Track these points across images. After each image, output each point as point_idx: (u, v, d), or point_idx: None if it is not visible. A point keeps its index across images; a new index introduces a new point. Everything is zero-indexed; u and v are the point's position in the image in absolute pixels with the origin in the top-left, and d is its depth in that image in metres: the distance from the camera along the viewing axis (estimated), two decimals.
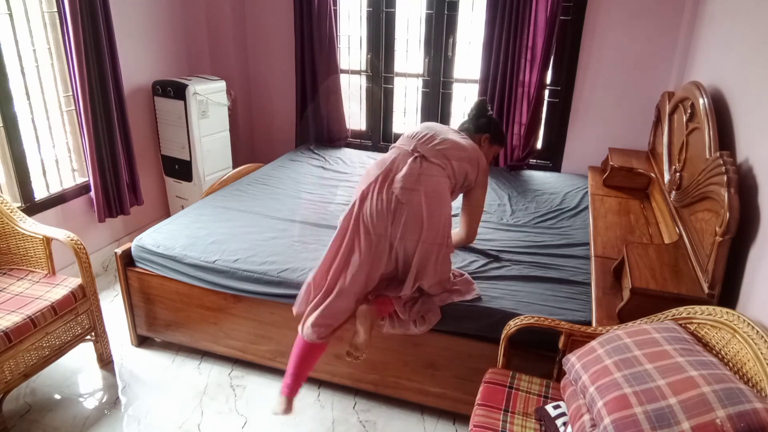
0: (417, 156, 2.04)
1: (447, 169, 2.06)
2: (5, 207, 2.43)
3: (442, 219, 2.03)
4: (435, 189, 2.01)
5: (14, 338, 2.07)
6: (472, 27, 3.60)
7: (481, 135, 2.29)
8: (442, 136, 2.12)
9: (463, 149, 2.12)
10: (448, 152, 2.08)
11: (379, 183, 2.01)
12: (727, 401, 1.19)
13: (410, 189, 1.98)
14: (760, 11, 1.96)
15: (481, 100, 2.38)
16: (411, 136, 2.14)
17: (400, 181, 1.99)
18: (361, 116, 4.11)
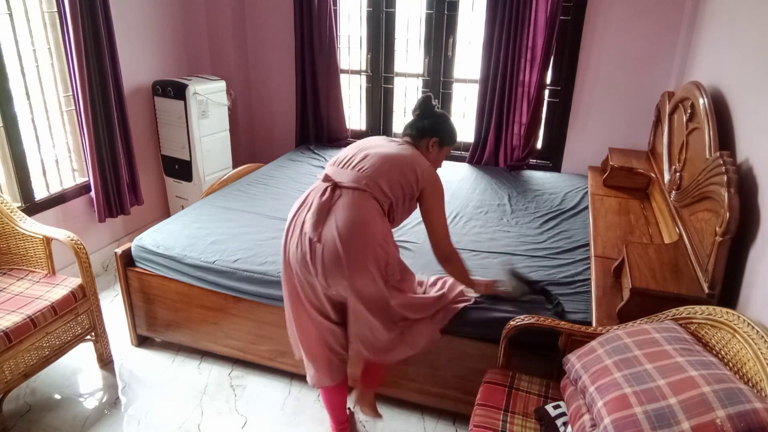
0: (328, 186, 1.83)
1: (371, 190, 1.80)
2: (5, 207, 2.43)
3: (369, 250, 1.76)
4: (352, 219, 1.75)
5: (14, 338, 2.07)
6: (472, 27, 3.60)
7: (429, 139, 1.98)
8: (366, 152, 1.88)
9: (391, 160, 1.86)
10: (372, 170, 1.82)
11: (293, 225, 1.84)
12: (727, 401, 1.19)
13: (321, 225, 1.77)
14: (760, 11, 1.96)
15: (424, 97, 2.03)
16: (331, 163, 1.94)
17: (310, 218, 1.78)
18: (361, 116, 4.11)
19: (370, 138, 2.02)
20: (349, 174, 1.84)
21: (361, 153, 1.89)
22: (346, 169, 1.86)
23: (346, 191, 1.81)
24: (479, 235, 2.69)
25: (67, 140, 3.15)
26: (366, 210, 1.79)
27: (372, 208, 1.81)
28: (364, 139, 2.02)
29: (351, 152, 1.92)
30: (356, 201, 1.79)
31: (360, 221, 1.76)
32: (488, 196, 3.19)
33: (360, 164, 1.85)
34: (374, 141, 1.98)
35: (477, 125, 3.65)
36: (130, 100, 3.35)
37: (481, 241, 2.62)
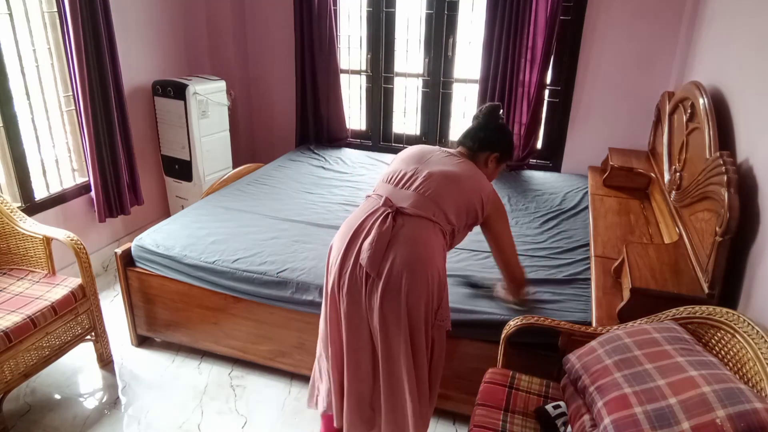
0: (389, 212, 1.62)
1: (436, 217, 1.64)
2: (5, 207, 2.43)
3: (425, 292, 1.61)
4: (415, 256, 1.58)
5: (14, 338, 2.07)
6: (472, 27, 3.60)
7: (489, 154, 1.83)
8: (428, 170, 1.69)
9: (456, 181, 1.69)
10: (435, 193, 1.65)
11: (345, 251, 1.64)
12: (727, 401, 1.19)
13: (379, 258, 1.57)
14: (760, 11, 1.96)
15: (491, 106, 1.85)
16: (387, 180, 1.73)
17: (368, 249, 1.58)
18: (361, 116, 4.11)
19: (422, 148, 1.81)
20: (412, 197, 1.64)
21: (423, 171, 1.69)
22: (406, 190, 1.66)
23: (409, 219, 1.61)
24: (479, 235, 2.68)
25: (67, 140, 3.15)
26: (431, 244, 1.62)
27: (437, 243, 1.64)
28: (414, 150, 1.80)
29: (407, 168, 1.71)
30: (421, 233, 1.61)
31: (423, 259, 1.59)
32: None
33: (423, 186, 1.66)
34: (429, 154, 1.77)
35: None
36: (130, 100, 3.35)
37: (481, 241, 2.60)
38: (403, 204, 1.64)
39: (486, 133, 1.82)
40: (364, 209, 1.70)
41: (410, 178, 1.69)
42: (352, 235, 1.65)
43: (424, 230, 1.62)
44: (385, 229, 1.59)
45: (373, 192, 1.74)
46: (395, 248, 1.58)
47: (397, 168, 1.74)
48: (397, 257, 1.57)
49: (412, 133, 4.02)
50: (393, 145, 4.07)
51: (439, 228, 1.65)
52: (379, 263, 1.58)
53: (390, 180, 1.72)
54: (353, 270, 1.62)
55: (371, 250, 1.58)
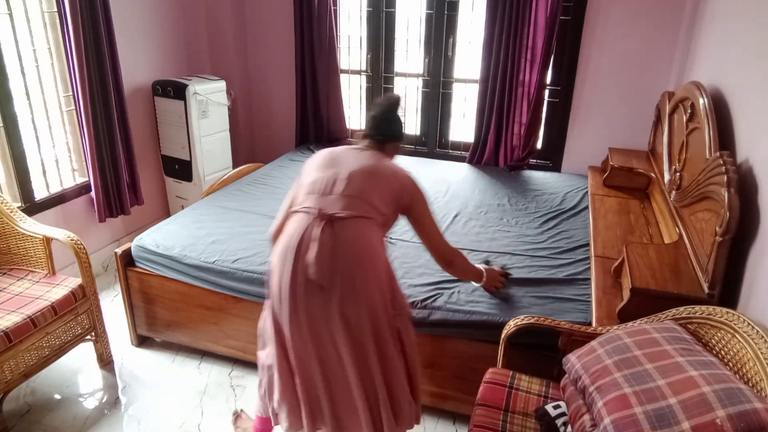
0: (324, 222, 1.62)
1: (368, 213, 1.66)
2: (5, 207, 2.43)
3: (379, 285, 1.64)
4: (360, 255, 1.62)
5: (14, 338, 2.07)
6: (472, 27, 3.60)
7: (395, 143, 1.89)
8: (347, 171, 1.69)
9: (376, 174, 1.72)
10: (360, 191, 1.67)
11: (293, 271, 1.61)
12: (727, 401, 1.19)
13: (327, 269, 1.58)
14: (760, 11, 1.96)
15: (396, 97, 1.89)
16: (309, 192, 1.70)
17: (314, 262, 1.58)
18: (361, 116, 4.11)
19: (330, 151, 1.82)
20: (340, 201, 1.65)
21: (343, 172, 1.70)
22: (332, 195, 1.67)
23: (344, 222, 1.62)
24: (479, 235, 2.69)
25: (67, 140, 3.15)
26: (371, 240, 1.65)
27: (376, 237, 1.67)
28: (324, 155, 1.80)
29: (325, 174, 1.72)
30: (358, 231, 1.63)
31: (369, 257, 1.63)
32: (488, 196, 3.19)
33: (348, 187, 1.67)
34: (341, 155, 1.79)
35: (477, 125, 3.65)
36: (130, 100, 3.35)
37: (481, 241, 2.62)
38: (334, 210, 1.64)
39: (393, 125, 1.87)
40: (297, 226, 1.67)
41: (332, 183, 1.69)
42: (295, 254, 1.62)
43: (361, 229, 1.64)
44: (326, 239, 1.60)
45: (299, 207, 1.71)
46: (340, 254, 1.60)
47: (316, 177, 1.73)
48: (344, 262, 1.59)
49: (412, 133, 4.02)
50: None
51: (374, 222, 1.67)
52: (329, 273, 1.58)
53: (312, 191, 1.70)
54: (306, 286, 1.61)
55: (317, 262, 1.58)
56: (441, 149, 3.95)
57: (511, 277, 2.22)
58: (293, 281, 1.62)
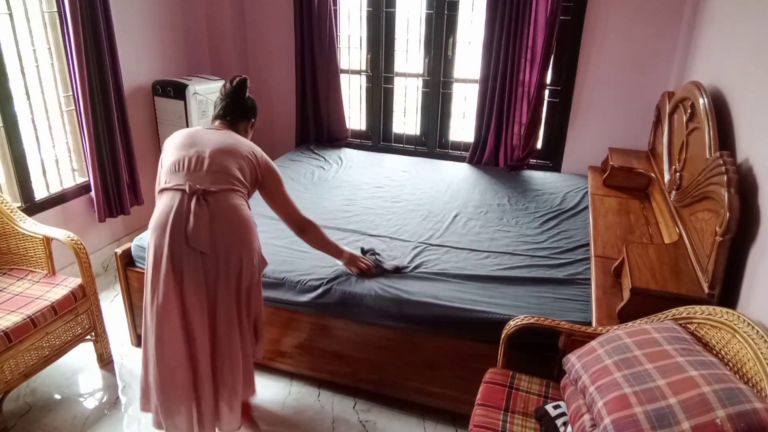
0: (197, 195, 1.75)
1: (235, 185, 1.83)
2: (5, 207, 2.43)
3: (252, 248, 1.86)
4: (234, 221, 1.80)
5: (14, 338, 2.07)
6: (472, 27, 3.60)
7: (247, 121, 2.06)
8: (209, 149, 1.84)
9: (234, 150, 1.88)
10: (224, 166, 1.83)
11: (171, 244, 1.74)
12: (727, 401, 1.19)
13: (206, 238, 1.75)
14: (760, 11, 1.96)
15: (242, 80, 2.01)
16: (176, 170, 1.82)
17: (193, 234, 1.73)
18: (361, 116, 4.11)
19: (187, 132, 1.94)
20: (208, 176, 1.80)
21: (206, 150, 1.84)
22: (200, 172, 1.80)
23: (215, 195, 1.78)
24: (479, 235, 2.69)
25: (67, 140, 3.15)
26: (240, 208, 1.83)
27: (243, 204, 1.87)
28: (182, 135, 1.91)
29: (189, 153, 1.84)
30: (229, 202, 1.81)
31: (240, 221, 1.82)
32: (488, 196, 3.19)
33: (213, 163, 1.82)
34: (199, 135, 1.91)
35: (477, 125, 3.65)
36: (130, 100, 3.34)
37: (481, 241, 2.62)
38: (205, 185, 1.79)
39: (242, 105, 2.03)
40: (169, 202, 1.79)
41: (198, 161, 1.82)
42: (171, 227, 1.75)
43: (231, 200, 1.82)
44: (202, 211, 1.75)
45: (168, 185, 1.82)
46: (217, 223, 1.77)
47: (179, 156, 1.85)
48: (221, 230, 1.77)
49: (412, 133, 4.02)
50: (393, 145, 4.07)
51: (240, 193, 1.86)
52: (209, 241, 1.75)
53: (179, 169, 1.82)
54: (187, 255, 1.75)
55: (195, 232, 1.73)
56: (441, 149, 3.95)
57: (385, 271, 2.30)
58: (172, 252, 1.75)
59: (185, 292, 1.77)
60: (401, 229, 2.72)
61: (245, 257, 1.83)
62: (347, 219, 2.82)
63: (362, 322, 2.21)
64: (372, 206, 3.00)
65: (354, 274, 2.27)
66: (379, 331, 2.20)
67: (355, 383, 2.36)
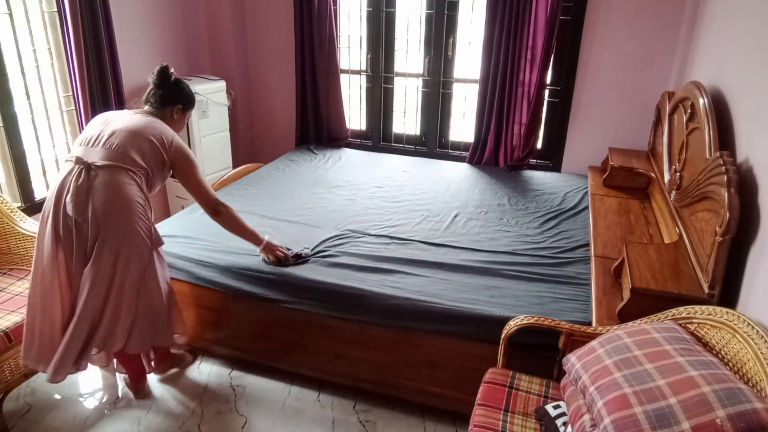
0: (82, 168, 1.93)
1: (126, 163, 1.97)
2: (5, 207, 2.43)
3: (134, 221, 1.98)
4: (111, 197, 1.93)
5: (14, 338, 2.07)
6: (472, 27, 3.60)
7: (172, 107, 2.17)
8: (113, 127, 2.01)
9: (138, 132, 2.02)
10: (120, 145, 1.97)
11: (55, 210, 1.95)
12: (727, 401, 1.19)
13: (84, 207, 1.91)
14: (760, 11, 1.96)
15: (161, 67, 2.15)
16: (79, 144, 2.04)
17: (70, 202, 1.91)
18: (361, 116, 4.11)
19: (109, 113, 2.15)
20: (100, 152, 1.98)
21: (108, 129, 2.02)
22: (96, 147, 1.99)
23: (101, 170, 1.95)
24: (479, 235, 2.69)
25: (67, 140, 3.15)
26: (123, 185, 1.97)
27: (128, 182, 1.98)
28: (102, 116, 2.13)
29: (97, 130, 2.03)
30: (112, 178, 1.95)
31: (119, 197, 1.96)
32: (488, 196, 3.20)
33: (109, 140, 1.99)
34: (118, 115, 2.11)
35: (477, 125, 3.65)
36: (130, 100, 3.34)
37: (481, 241, 2.62)
38: (93, 159, 1.96)
39: (164, 90, 2.15)
40: (63, 172, 1.99)
41: (98, 138, 2.01)
42: (56, 195, 1.96)
43: (116, 176, 1.96)
44: (81, 182, 1.92)
45: (67, 157, 2.03)
46: (94, 194, 1.93)
47: (87, 133, 2.05)
48: (96, 201, 1.93)
49: (412, 133, 4.03)
50: (393, 145, 4.07)
51: (131, 172, 1.99)
52: (83, 210, 1.92)
53: (81, 143, 2.03)
54: (65, 223, 1.95)
55: (73, 202, 1.91)
56: (441, 149, 3.95)
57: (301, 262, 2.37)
58: (54, 216, 1.96)
59: (60, 252, 1.97)
60: (401, 228, 2.72)
61: (120, 231, 1.96)
62: (347, 219, 2.82)
63: (362, 322, 2.21)
64: (372, 206, 3.00)
65: (269, 262, 2.34)
66: (379, 331, 2.20)
67: (355, 383, 2.36)
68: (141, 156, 2.00)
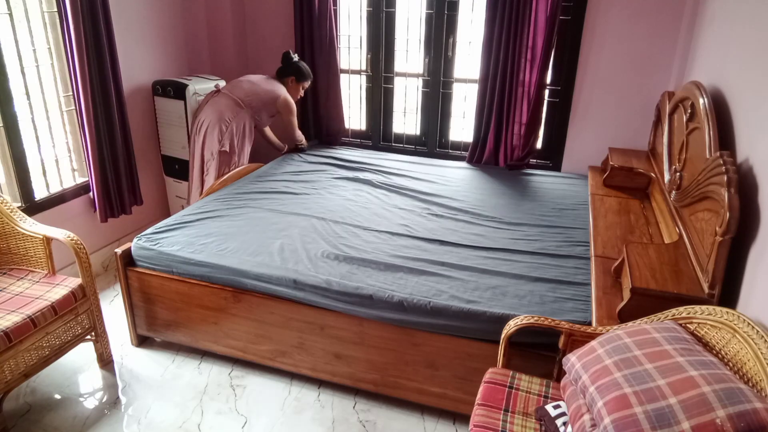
0: (215, 92, 3.39)
1: (238, 99, 3.33)
2: (5, 207, 2.43)
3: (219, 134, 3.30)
4: (220, 109, 3.28)
5: (14, 338, 2.07)
6: (472, 27, 3.60)
7: (287, 78, 3.52)
8: (246, 80, 3.45)
9: (256, 86, 3.41)
10: (242, 89, 3.38)
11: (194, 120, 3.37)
12: (727, 401, 1.19)
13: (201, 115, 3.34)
14: (760, 12, 1.96)
15: (285, 53, 3.51)
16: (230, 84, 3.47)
17: (199, 111, 3.39)
18: (361, 116, 4.11)
19: (251, 76, 3.53)
20: (229, 88, 3.42)
21: (243, 81, 3.45)
22: (228, 86, 3.44)
23: (220, 95, 3.39)
24: (479, 234, 2.69)
25: (67, 140, 3.15)
26: (227, 108, 3.33)
27: (234, 107, 3.35)
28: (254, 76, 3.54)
29: (238, 80, 3.48)
30: (223, 101, 3.34)
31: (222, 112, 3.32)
32: (488, 195, 3.19)
33: (239, 85, 3.43)
34: (254, 77, 3.50)
35: (477, 125, 3.65)
36: (130, 100, 3.35)
37: (481, 240, 2.62)
38: (225, 90, 3.40)
39: (284, 68, 3.55)
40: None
41: (235, 83, 3.46)
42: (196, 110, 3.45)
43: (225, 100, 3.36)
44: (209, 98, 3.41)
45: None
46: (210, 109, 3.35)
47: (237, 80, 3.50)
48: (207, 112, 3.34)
49: (412, 133, 4.02)
50: (393, 145, 4.07)
51: (237, 104, 3.36)
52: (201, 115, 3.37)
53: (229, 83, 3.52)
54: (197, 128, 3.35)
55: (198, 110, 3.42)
56: (441, 149, 3.95)
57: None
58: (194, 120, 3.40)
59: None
60: (401, 228, 2.72)
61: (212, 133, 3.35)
62: (347, 218, 2.82)
63: (362, 322, 2.21)
64: (371, 206, 3.00)
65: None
66: (379, 331, 2.20)
67: (355, 383, 2.36)
68: (251, 101, 3.39)
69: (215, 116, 3.26)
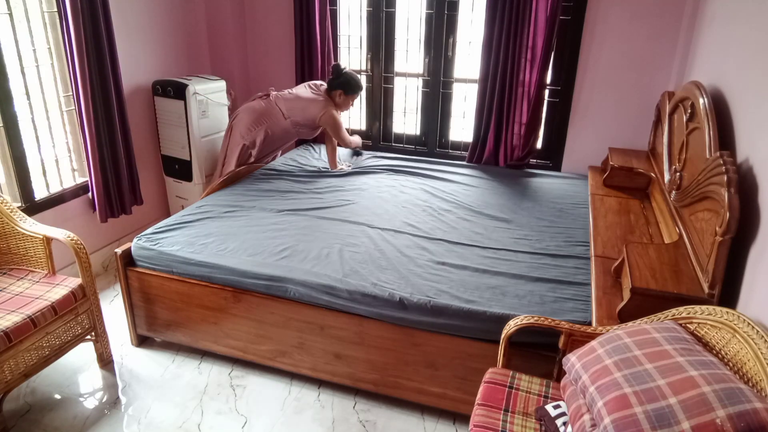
0: (261, 97, 3.48)
1: (281, 109, 3.40)
2: (5, 207, 2.43)
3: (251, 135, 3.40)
4: (261, 111, 3.39)
5: (14, 338, 2.07)
6: (472, 27, 3.60)
7: (336, 91, 3.42)
8: (294, 92, 3.47)
9: (301, 100, 3.42)
10: (285, 101, 3.42)
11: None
12: (727, 401, 1.19)
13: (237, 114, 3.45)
14: (760, 12, 1.96)
15: (335, 65, 3.44)
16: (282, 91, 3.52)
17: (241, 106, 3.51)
18: (361, 116, 4.11)
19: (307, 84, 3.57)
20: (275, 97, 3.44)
21: (292, 91, 3.47)
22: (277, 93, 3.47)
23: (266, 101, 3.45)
24: (478, 234, 2.69)
25: (67, 140, 3.15)
26: (270, 112, 3.42)
27: (279, 114, 3.42)
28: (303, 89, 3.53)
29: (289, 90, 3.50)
30: (268, 106, 3.42)
31: (261, 117, 3.41)
32: (488, 195, 3.19)
33: (285, 95, 3.45)
34: (302, 89, 3.51)
35: (477, 125, 3.64)
36: (130, 100, 3.35)
37: (481, 240, 2.62)
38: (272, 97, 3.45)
39: (333, 80, 3.44)
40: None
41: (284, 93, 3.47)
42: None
43: (267, 107, 3.44)
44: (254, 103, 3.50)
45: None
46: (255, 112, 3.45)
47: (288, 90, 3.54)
48: (250, 114, 3.44)
49: (412, 133, 4.02)
50: (393, 145, 4.07)
51: (280, 111, 3.41)
52: (235, 114, 3.50)
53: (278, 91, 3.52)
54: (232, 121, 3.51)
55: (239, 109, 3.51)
56: (441, 149, 3.95)
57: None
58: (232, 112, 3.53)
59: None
60: (402, 226, 2.72)
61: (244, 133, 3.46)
62: (348, 218, 2.82)
63: (362, 322, 2.21)
64: (371, 206, 3.00)
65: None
66: (379, 331, 2.20)
67: (355, 383, 2.36)
68: (292, 111, 3.43)
69: (253, 115, 3.37)
